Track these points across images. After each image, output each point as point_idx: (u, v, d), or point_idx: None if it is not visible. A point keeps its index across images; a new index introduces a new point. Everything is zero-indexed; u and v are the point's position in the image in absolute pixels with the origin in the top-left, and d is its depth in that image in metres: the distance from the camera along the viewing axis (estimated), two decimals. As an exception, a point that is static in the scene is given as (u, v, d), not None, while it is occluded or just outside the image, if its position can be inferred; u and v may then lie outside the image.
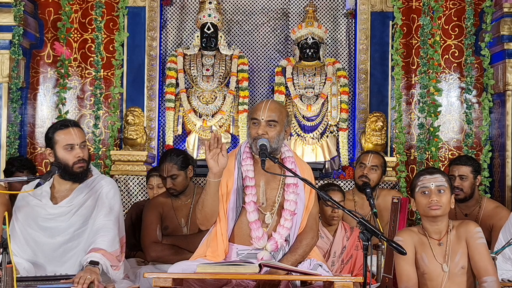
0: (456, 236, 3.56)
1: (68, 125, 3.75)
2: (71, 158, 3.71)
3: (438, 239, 3.57)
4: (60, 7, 6.54)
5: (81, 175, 3.76)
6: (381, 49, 6.73)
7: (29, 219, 3.72)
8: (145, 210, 4.82)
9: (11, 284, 2.96)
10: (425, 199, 3.55)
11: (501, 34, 6.17)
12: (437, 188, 3.54)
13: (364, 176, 5.12)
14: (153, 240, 4.69)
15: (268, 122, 3.62)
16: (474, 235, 3.54)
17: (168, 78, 6.69)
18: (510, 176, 6.10)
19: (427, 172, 3.62)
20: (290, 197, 3.64)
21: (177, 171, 4.68)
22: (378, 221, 4.29)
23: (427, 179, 3.57)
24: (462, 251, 3.53)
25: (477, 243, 3.52)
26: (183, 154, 4.82)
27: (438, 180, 3.56)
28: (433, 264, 3.53)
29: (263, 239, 3.59)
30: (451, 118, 6.63)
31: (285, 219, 3.63)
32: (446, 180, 3.59)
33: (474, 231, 3.55)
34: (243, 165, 3.67)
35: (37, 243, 3.69)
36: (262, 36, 7.13)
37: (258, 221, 3.61)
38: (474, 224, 3.61)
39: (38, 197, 3.75)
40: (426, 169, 3.84)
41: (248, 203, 3.61)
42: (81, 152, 3.73)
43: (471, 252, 3.52)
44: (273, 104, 3.70)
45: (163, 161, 4.72)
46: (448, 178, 3.65)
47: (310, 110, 6.61)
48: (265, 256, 3.56)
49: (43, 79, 6.61)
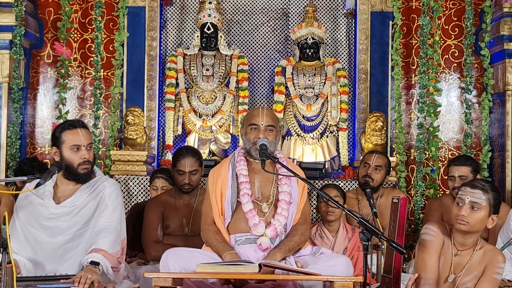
0: (480, 258, 3.45)
1: (76, 126, 3.75)
2: (77, 159, 3.71)
3: (460, 249, 3.47)
4: (60, 7, 6.55)
5: (85, 176, 3.76)
6: (381, 49, 6.73)
7: (30, 218, 3.72)
8: (146, 209, 4.81)
9: (11, 284, 2.96)
10: (456, 210, 3.41)
11: (501, 34, 6.17)
12: (471, 204, 3.38)
13: (367, 176, 5.11)
14: (154, 239, 4.69)
15: (267, 127, 3.83)
16: (495, 268, 3.42)
17: (168, 78, 6.69)
18: (510, 176, 6.11)
19: (470, 184, 3.44)
20: (284, 188, 3.81)
21: (198, 167, 4.71)
22: (378, 221, 4.29)
23: (466, 192, 3.41)
24: (477, 274, 3.44)
25: (492, 277, 3.42)
26: (198, 151, 4.90)
27: (476, 196, 3.38)
28: (444, 270, 3.47)
29: (260, 225, 3.72)
30: (451, 118, 6.63)
31: (282, 208, 3.78)
32: (487, 198, 3.38)
33: (497, 264, 3.43)
34: (237, 166, 3.85)
35: (37, 241, 3.69)
36: (262, 36, 7.14)
37: (254, 210, 3.75)
38: (502, 257, 3.47)
39: (41, 196, 3.75)
40: (474, 180, 3.57)
41: (243, 195, 3.76)
42: (87, 154, 3.73)
43: (482, 280, 3.43)
44: (269, 111, 3.95)
45: (183, 157, 4.70)
46: (494, 196, 3.41)
47: (310, 110, 6.62)
48: (265, 242, 3.68)
49: (43, 79, 6.61)
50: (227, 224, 3.80)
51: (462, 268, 3.46)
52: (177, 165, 4.71)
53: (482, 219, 3.38)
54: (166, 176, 5.27)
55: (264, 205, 3.79)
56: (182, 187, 4.71)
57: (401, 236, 3.63)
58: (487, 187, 3.41)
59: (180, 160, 4.70)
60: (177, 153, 4.79)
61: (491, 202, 3.39)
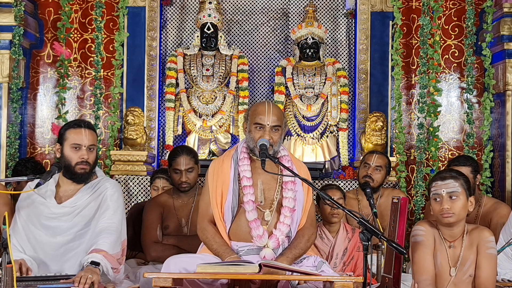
0: (469, 242, 3.48)
1: (81, 125, 3.75)
2: (75, 158, 3.71)
3: (451, 241, 3.50)
4: (60, 7, 6.54)
5: (81, 176, 3.75)
6: (381, 49, 6.73)
7: (32, 217, 3.72)
8: (145, 210, 4.82)
9: (11, 284, 2.96)
10: (438, 206, 3.45)
11: (501, 34, 6.17)
12: (449, 195, 3.43)
13: (368, 176, 5.10)
14: (153, 240, 4.69)
15: (274, 127, 3.69)
16: (486, 243, 3.45)
17: (168, 78, 6.69)
18: (510, 176, 6.10)
19: (439, 178, 3.49)
20: (289, 194, 3.68)
21: (193, 164, 4.72)
22: (378, 221, 4.29)
23: (439, 186, 3.46)
24: (473, 259, 3.46)
25: (486, 252, 3.45)
26: (193, 149, 4.92)
27: (450, 186, 3.44)
28: (443, 265, 3.48)
29: (264, 237, 3.61)
30: (451, 118, 6.63)
31: (285, 216, 3.66)
32: (460, 184, 3.45)
33: (486, 240, 3.46)
34: (240, 165, 3.70)
35: (38, 241, 3.69)
36: (262, 36, 7.14)
37: (258, 220, 3.63)
38: (488, 232, 3.51)
39: (43, 196, 3.76)
40: (439, 173, 3.63)
41: (247, 202, 3.64)
42: (87, 155, 3.72)
43: (478, 260, 3.45)
44: (275, 108, 3.76)
45: (178, 155, 4.72)
46: (464, 180, 3.50)
47: (310, 110, 6.62)
48: (269, 254, 3.58)
49: (43, 79, 6.61)
50: (228, 228, 3.68)
51: (458, 257, 3.48)
52: (173, 164, 4.73)
53: (464, 205, 3.45)
54: (167, 176, 5.27)
55: (267, 213, 3.67)
56: (180, 185, 4.71)
57: (401, 236, 3.63)
58: (454, 174, 3.49)
59: (175, 159, 4.72)
60: (172, 153, 4.81)
61: (465, 186, 3.46)
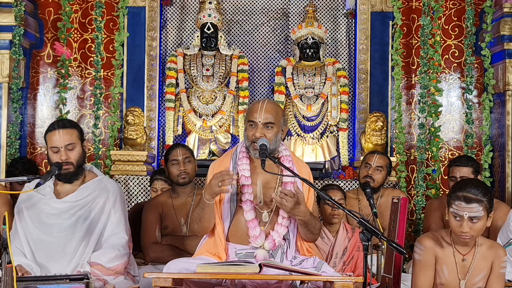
0: (483, 256, 3.46)
1: (54, 128, 3.74)
2: (56, 160, 3.71)
3: (463, 253, 3.47)
4: (60, 7, 6.54)
5: (68, 176, 3.76)
6: (381, 49, 6.73)
7: (32, 216, 3.73)
8: (144, 211, 4.82)
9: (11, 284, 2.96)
10: (457, 226, 3.38)
11: (501, 34, 6.17)
12: (470, 219, 3.34)
13: (368, 176, 5.10)
14: (152, 240, 4.69)
15: (265, 124, 3.60)
16: (501, 263, 3.46)
17: (168, 78, 6.69)
18: (510, 176, 6.10)
19: (464, 199, 3.33)
20: None
21: (190, 155, 4.79)
22: (378, 221, 4.29)
23: (462, 208, 3.34)
24: (486, 274, 3.46)
25: (500, 272, 3.46)
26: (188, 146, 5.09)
27: (474, 210, 3.32)
28: (452, 277, 3.47)
29: (260, 238, 3.60)
30: (451, 118, 6.63)
31: (283, 217, 3.63)
32: (483, 207, 3.33)
33: (501, 259, 3.46)
34: (239, 165, 3.67)
35: (37, 241, 3.70)
36: (262, 36, 7.14)
37: (255, 220, 3.61)
38: (503, 251, 3.50)
39: (42, 193, 3.77)
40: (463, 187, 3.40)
41: (245, 202, 3.62)
42: (65, 155, 3.71)
43: (491, 277, 3.46)
44: (269, 104, 3.67)
45: (174, 148, 4.82)
46: (488, 199, 3.35)
47: (310, 110, 6.62)
48: (262, 254, 3.56)
49: (43, 79, 6.60)
50: (227, 228, 3.66)
51: (468, 269, 3.47)
52: (169, 157, 4.76)
53: (483, 225, 3.38)
54: (165, 177, 5.27)
55: (265, 214, 3.64)
56: (179, 177, 4.71)
57: (401, 236, 3.63)
58: (480, 195, 3.34)
59: (171, 152, 4.79)
60: (168, 149, 4.92)
61: (487, 207, 3.36)
